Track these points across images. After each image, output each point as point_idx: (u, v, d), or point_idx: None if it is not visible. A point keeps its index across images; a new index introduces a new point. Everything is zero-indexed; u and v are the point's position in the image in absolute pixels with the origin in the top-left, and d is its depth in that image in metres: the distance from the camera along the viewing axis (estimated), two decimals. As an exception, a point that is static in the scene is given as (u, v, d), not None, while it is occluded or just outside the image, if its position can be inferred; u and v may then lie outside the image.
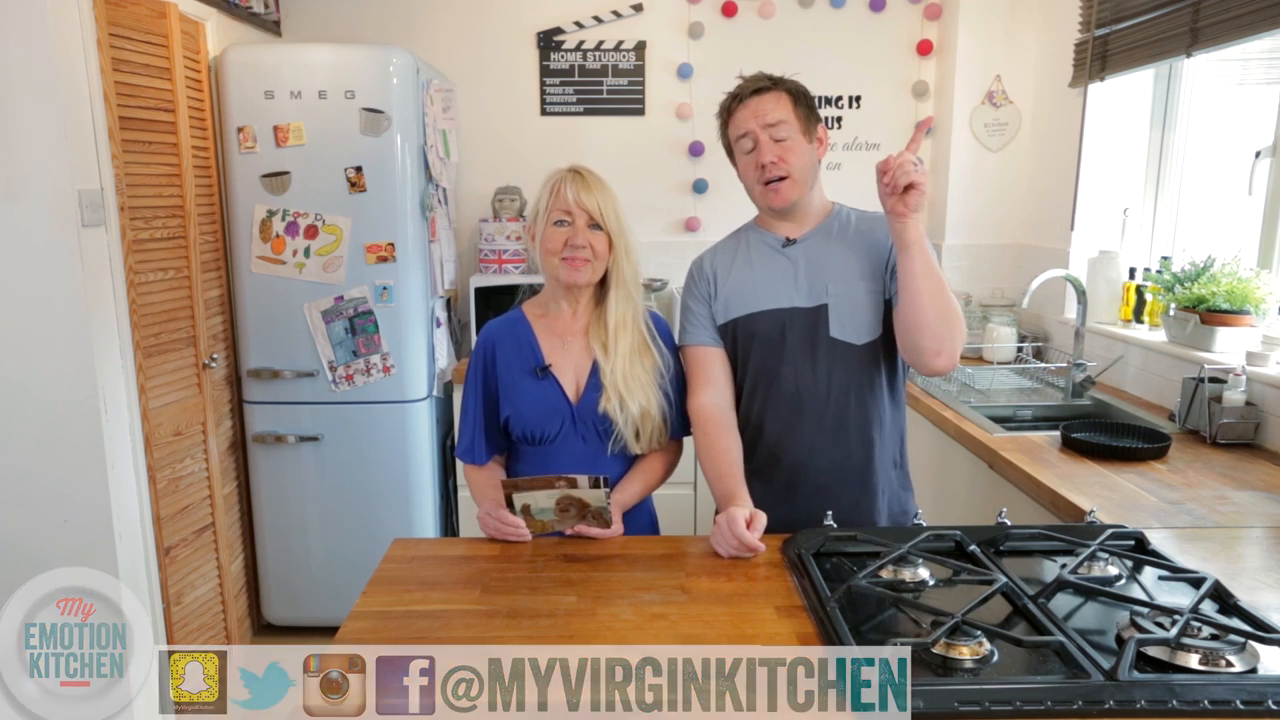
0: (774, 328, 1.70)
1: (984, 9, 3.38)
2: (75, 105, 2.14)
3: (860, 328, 1.67)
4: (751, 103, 1.66)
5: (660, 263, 3.67)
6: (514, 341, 1.72)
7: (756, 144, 1.66)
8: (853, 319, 1.67)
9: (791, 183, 1.66)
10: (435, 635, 1.26)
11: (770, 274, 1.72)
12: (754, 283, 1.73)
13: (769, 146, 1.65)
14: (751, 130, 1.65)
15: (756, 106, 1.66)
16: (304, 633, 3.14)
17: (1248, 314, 2.38)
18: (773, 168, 1.65)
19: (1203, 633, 1.15)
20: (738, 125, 1.69)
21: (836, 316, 1.67)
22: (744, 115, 1.67)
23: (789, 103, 1.66)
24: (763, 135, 1.65)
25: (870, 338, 1.67)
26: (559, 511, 1.58)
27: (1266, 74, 2.59)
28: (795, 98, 1.67)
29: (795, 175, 1.66)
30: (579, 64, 3.58)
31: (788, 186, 1.66)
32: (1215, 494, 1.86)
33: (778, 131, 1.64)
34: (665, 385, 1.70)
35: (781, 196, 1.67)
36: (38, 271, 2.14)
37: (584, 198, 1.63)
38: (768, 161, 1.65)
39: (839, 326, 1.67)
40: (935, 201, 3.64)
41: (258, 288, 2.91)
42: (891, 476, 1.75)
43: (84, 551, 2.26)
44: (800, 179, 1.67)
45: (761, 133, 1.65)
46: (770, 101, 1.65)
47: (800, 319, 1.69)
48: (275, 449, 3.01)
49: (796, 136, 1.66)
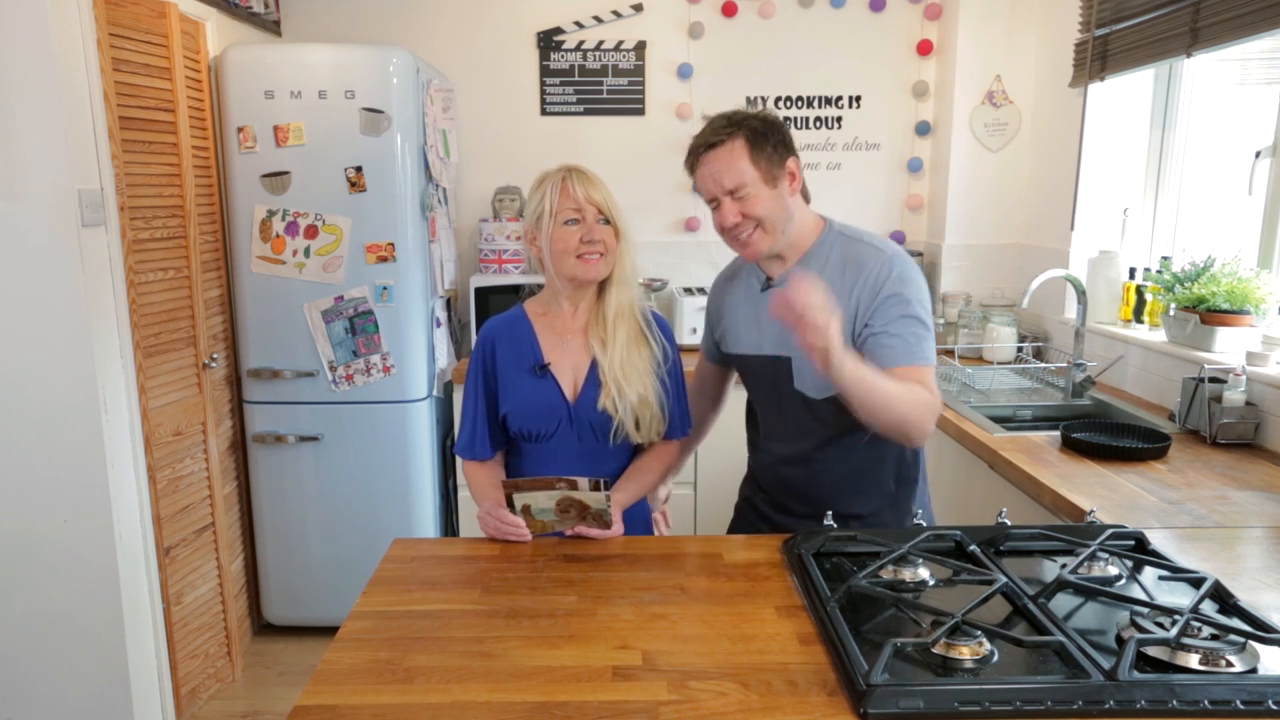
0: (751, 372, 1.77)
1: (984, 9, 3.38)
2: (75, 105, 2.14)
3: (821, 384, 1.60)
4: (708, 161, 1.61)
5: (660, 263, 3.67)
6: (514, 339, 1.73)
7: (719, 206, 1.62)
8: (812, 374, 1.59)
9: (761, 234, 1.62)
10: (435, 635, 1.26)
11: (748, 316, 1.73)
12: (737, 324, 1.76)
13: (730, 209, 1.60)
14: (713, 195, 1.62)
15: (713, 167, 1.60)
16: (304, 633, 3.14)
17: (1248, 314, 2.38)
18: (736, 228, 1.61)
19: (1203, 633, 1.15)
20: (700, 186, 1.65)
21: (799, 370, 1.66)
22: (703, 175, 1.63)
23: (745, 153, 1.58)
24: (724, 199, 1.60)
25: (832, 393, 1.57)
26: (559, 512, 1.58)
27: (1266, 74, 2.59)
28: (753, 144, 1.59)
29: (765, 225, 1.61)
30: (579, 64, 3.58)
31: (756, 239, 1.62)
32: (1215, 494, 1.86)
33: (738, 193, 1.59)
34: (663, 375, 1.72)
35: (751, 250, 1.64)
36: (37, 271, 2.14)
37: (592, 193, 1.65)
38: (729, 225, 1.61)
39: (800, 379, 1.66)
40: (935, 201, 3.64)
41: (258, 288, 2.91)
42: (886, 519, 1.72)
43: (84, 551, 2.26)
44: (770, 228, 1.62)
45: (722, 197, 1.60)
46: (724, 159, 1.59)
47: (768, 368, 1.70)
48: (275, 449, 3.01)
49: (757, 188, 1.59)
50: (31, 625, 2.29)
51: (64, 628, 2.29)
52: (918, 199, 3.69)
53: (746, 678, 1.14)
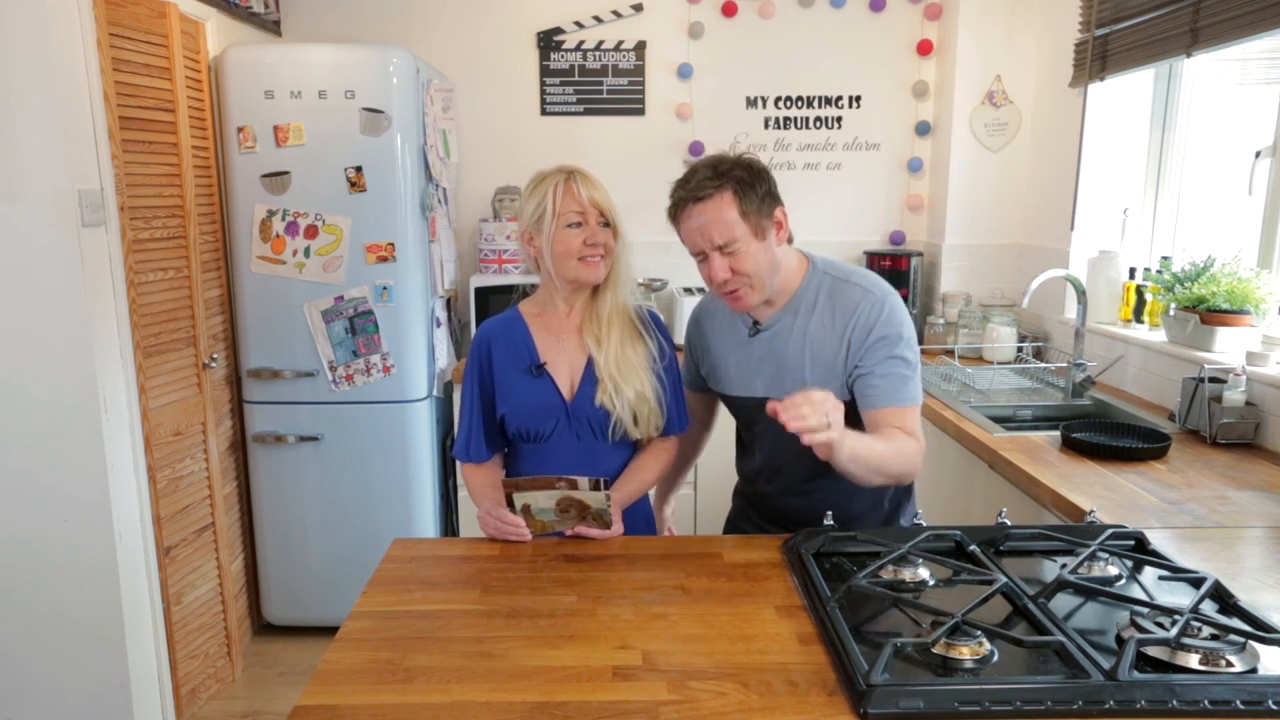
0: (746, 411, 1.75)
1: (984, 9, 3.38)
2: (75, 105, 2.14)
3: None
4: (694, 214, 1.56)
5: (660, 263, 3.67)
6: (510, 340, 1.73)
7: (706, 259, 1.59)
8: None
9: (750, 289, 1.60)
10: (435, 635, 1.26)
11: (738, 360, 1.72)
12: (724, 364, 1.75)
13: (719, 263, 1.57)
14: (700, 250, 1.59)
15: (700, 222, 1.55)
16: (304, 633, 3.14)
17: (1248, 314, 2.38)
18: (725, 285, 1.60)
19: (1203, 633, 1.15)
20: (686, 239, 1.61)
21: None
22: (690, 230, 1.58)
23: (733, 206, 1.54)
24: (712, 254, 1.57)
25: None
26: (559, 512, 1.58)
27: (1266, 74, 2.59)
28: (741, 195, 1.55)
29: (753, 280, 1.59)
30: (579, 64, 3.58)
31: (745, 293, 1.61)
32: (1215, 494, 1.86)
33: (727, 248, 1.56)
34: (659, 370, 1.72)
35: (741, 304, 1.63)
36: (37, 271, 2.14)
37: (595, 196, 1.65)
38: (719, 280, 1.59)
39: None
40: (935, 201, 3.64)
41: (258, 288, 2.91)
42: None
43: (84, 551, 2.26)
44: (759, 283, 1.60)
45: (711, 252, 1.57)
46: (712, 213, 1.54)
47: (760, 409, 1.66)
48: (275, 449, 3.01)
49: (747, 243, 1.56)
50: (31, 625, 2.29)
51: (64, 628, 2.29)
52: (918, 199, 3.69)
53: (746, 678, 1.14)
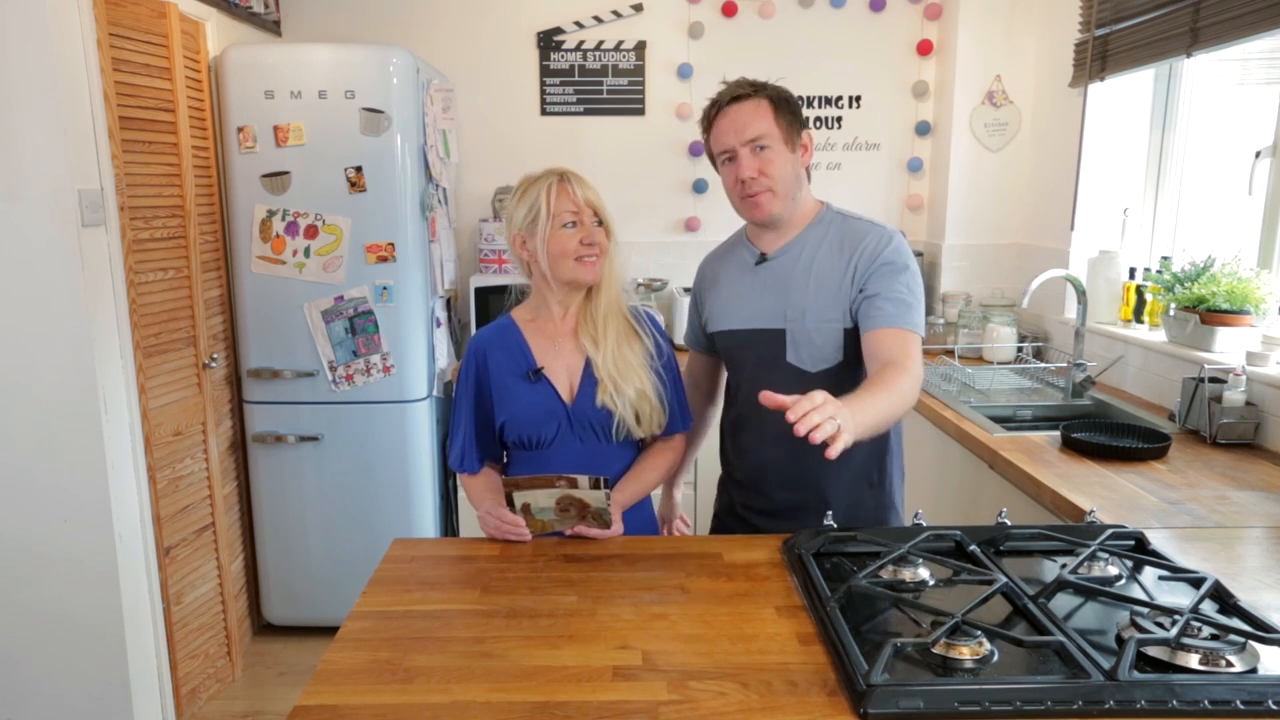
0: (740, 346, 1.74)
1: (984, 9, 3.38)
2: (75, 105, 2.14)
3: (816, 356, 1.64)
4: (730, 112, 1.63)
5: (660, 263, 3.67)
6: (505, 347, 1.72)
7: (736, 157, 1.63)
8: (809, 347, 1.64)
9: (772, 195, 1.63)
10: (435, 635, 1.26)
11: (741, 291, 1.73)
12: (729, 299, 1.75)
13: (748, 160, 1.61)
14: (731, 146, 1.63)
15: (735, 118, 1.62)
16: (304, 633, 3.14)
17: (1248, 314, 2.38)
18: (752, 183, 1.62)
19: (1203, 633, 1.15)
20: (718, 138, 1.65)
21: (793, 342, 1.66)
22: (723, 127, 1.64)
23: (769, 111, 1.61)
24: (742, 150, 1.61)
25: (826, 365, 1.63)
26: (559, 511, 1.58)
27: (1266, 74, 2.59)
28: (776, 105, 1.62)
29: (777, 188, 1.63)
30: (579, 64, 3.58)
31: (768, 199, 1.63)
32: (1215, 494, 1.85)
33: (759, 142, 1.61)
34: (657, 368, 1.71)
35: (762, 210, 1.65)
36: (37, 271, 2.14)
37: (589, 195, 1.65)
38: (747, 176, 1.62)
39: (794, 353, 1.66)
40: (935, 201, 3.64)
41: (258, 287, 2.91)
42: (864, 498, 1.72)
43: (84, 551, 2.26)
44: (782, 191, 1.63)
45: (741, 148, 1.61)
46: (749, 112, 1.61)
47: (761, 340, 1.69)
48: (275, 449, 3.01)
49: (778, 147, 1.61)
50: (31, 625, 2.29)
51: (64, 628, 2.29)
52: (918, 199, 3.69)
53: (746, 678, 1.14)
